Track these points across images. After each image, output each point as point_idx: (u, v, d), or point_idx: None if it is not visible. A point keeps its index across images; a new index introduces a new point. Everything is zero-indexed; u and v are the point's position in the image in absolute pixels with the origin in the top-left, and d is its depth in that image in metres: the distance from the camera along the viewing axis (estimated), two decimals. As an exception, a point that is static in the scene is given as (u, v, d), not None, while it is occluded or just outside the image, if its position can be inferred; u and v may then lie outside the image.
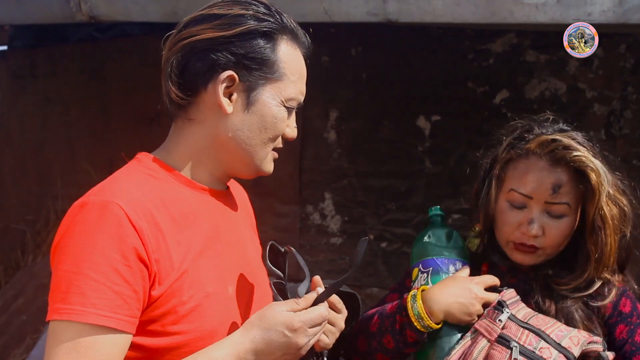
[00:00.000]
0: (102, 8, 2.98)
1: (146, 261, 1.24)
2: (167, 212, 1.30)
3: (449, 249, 1.71)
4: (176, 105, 1.37)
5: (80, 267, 1.20)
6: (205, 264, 1.33)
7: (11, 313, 4.11)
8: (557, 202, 1.60)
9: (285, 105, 1.39)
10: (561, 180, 1.60)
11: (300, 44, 1.41)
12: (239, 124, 1.36)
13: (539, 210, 1.62)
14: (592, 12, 2.15)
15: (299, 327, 1.30)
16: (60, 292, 1.21)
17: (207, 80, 1.34)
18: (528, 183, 1.62)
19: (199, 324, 1.30)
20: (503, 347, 1.51)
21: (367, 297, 3.41)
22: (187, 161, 1.39)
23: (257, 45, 1.34)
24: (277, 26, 1.36)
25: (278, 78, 1.37)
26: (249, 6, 1.35)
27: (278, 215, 3.65)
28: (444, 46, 3.27)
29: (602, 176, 1.58)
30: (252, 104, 1.36)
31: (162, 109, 1.42)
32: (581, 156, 1.58)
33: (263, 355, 1.29)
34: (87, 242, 1.21)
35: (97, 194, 1.28)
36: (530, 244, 1.63)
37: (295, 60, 1.40)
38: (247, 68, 1.34)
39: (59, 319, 1.20)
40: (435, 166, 3.31)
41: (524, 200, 1.63)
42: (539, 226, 1.61)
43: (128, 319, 1.22)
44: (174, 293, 1.27)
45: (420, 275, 1.70)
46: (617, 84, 2.98)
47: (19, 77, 5.18)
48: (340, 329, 1.50)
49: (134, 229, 1.23)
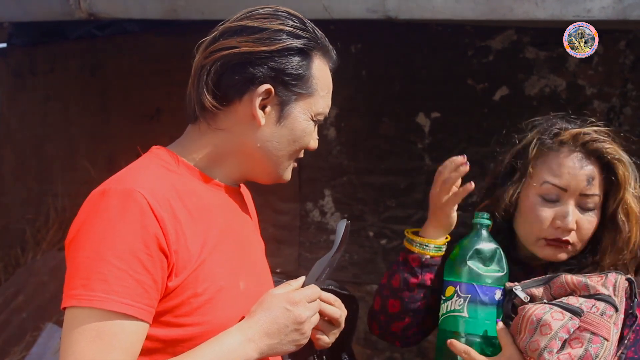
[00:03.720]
0: (101, 5, 2.98)
1: (166, 251, 1.25)
2: (183, 204, 1.32)
3: (493, 273, 1.64)
4: (206, 112, 1.38)
5: (103, 254, 1.20)
6: (219, 258, 1.35)
7: (11, 311, 4.11)
8: (590, 193, 1.62)
9: (314, 119, 1.43)
10: (594, 172, 1.63)
11: (329, 59, 1.45)
12: (269, 136, 1.39)
13: (573, 203, 1.63)
14: (592, 8, 2.15)
15: (299, 300, 1.35)
16: (80, 278, 1.21)
17: (243, 92, 1.36)
18: (564, 175, 1.63)
19: (212, 317, 1.31)
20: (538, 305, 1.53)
21: (367, 294, 3.41)
22: (204, 159, 1.41)
23: (294, 62, 1.37)
24: (312, 42, 1.39)
25: (310, 94, 1.40)
26: (286, 21, 1.38)
27: (278, 213, 3.65)
28: (444, 43, 3.27)
29: (629, 169, 1.62)
30: (285, 118, 1.39)
31: (162, 106, 1.42)
32: (612, 148, 1.62)
33: (273, 336, 1.31)
34: (110, 229, 1.22)
35: (117, 182, 1.29)
36: (565, 238, 1.62)
37: (326, 76, 1.44)
38: (283, 83, 1.37)
39: (80, 305, 1.20)
40: (435, 163, 3.31)
41: (558, 193, 1.63)
42: (574, 219, 1.62)
43: (148, 308, 1.23)
44: (189, 285, 1.28)
45: (457, 298, 1.65)
46: (617, 81, 2.98)
47: (18, 74, 5.17)
48: (340, 327, 1.51)
49: (156, 218, 1.24)
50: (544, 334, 1.47)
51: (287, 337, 1.33)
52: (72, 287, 1.22)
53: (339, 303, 1.50)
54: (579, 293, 1.55)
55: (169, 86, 3.98)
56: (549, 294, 1.58)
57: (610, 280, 1.56)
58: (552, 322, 1.47)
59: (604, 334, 1.47)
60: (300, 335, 1.35)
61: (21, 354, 3.80)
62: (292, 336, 1.34)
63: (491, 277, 1.64)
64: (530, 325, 1.50)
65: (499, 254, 1.66)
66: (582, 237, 1.65)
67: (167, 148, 1.43)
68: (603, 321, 1.48)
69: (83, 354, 1.18)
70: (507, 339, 1.56)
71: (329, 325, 1.48)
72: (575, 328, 1.48)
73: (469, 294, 1.63)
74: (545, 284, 1.58)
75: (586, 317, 1.48)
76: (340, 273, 1.60)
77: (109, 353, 1.19)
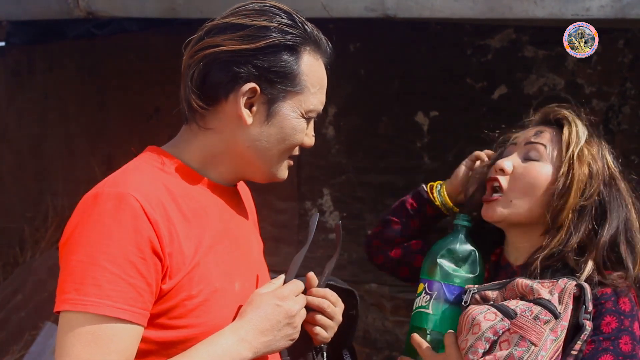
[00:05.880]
0: (100, 4, 2.97)
1: (160, 254, 1.24)
2: (177, 206, 1.31)
3: (463, 274, 1.65)
4: (194, 112, 1.37)
5: (96, 258, 1.20)
6: (214, 260, 1.34)
7: (9, 310, 4.11)
8: (534, 141, 1.64)
9: (305, 116, 1.39)
10: (545, 129, 1.67)
11: (322, 53, 1.41)
12: (257, 135, 1.37)
13: (518, 153, 1.67)
14: (591, 7, 2.15)
15: (287, 294, 1.37)
16: (73, 282, 1.21)
17: (229, 91, 1.34)
18: (519, 134, 1.71)
19: (206, 318, 1.31)
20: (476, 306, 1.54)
21: (366, 293, 3.41)
22: (197, 160, 1.40)
23: (281, 59, 1.34)
24: (300, 39, 1.35)
25: (299, 91, 1.37)
26: (273, 17, 1.34)
27: (276, 212, 3.65)
28: (443, 42, 3.27)
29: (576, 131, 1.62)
30: (273, 116, 1.36)
31: (160, 105, 1.42)
32: (565, 113, 1.66)
33: (266, 333, 1.32)
34: (103, 233, 1.21)
35: (110, 186, 1.28)
36: (494, 176, 1.65)
37: (317, 72, 1.40)
38: (269, 81, 1.34)
39: (73, 309, 1.20)
40: (433, 162, 3.31)
41: (510, 149, 1.70)
42: (512, 163, 1.65)
43: (142, 312, 1.23)
44: (183, 287, 1.28)
45: (424, 295, 1.67)
46: (616, 80, 2.97)
47: (16, 73, 5.17)
48: (338, 322, 1.51)
49: (149, 221, 1.24)
50: (474, 333, 1.46)
51: (280, 332, 1.34)
52: (65, 291, 1.22)
53: (335, 297, 1.50)
54: (528, 297, 1.51)
55: (168, 85, 3.97)
56: (502, 297, 1.55)
57: (559, 286, 1.50)
58: (482, 322, 1.46)
59: (532, 338, 1.42)
60: (292, 329, 1.37)
61: (20, 352, 3.81)
62: (285, 331, 1.35)
63: (460, 278, 1.64)
64: (466, 325, 1.49)
65: (473, 256, 1.66)
66: (517, 184, 1.62)
67: (162, 148, 1.42)
68: (534, 325, 1.43)
69: (79, 358, 1.18)
70: (450, 339, 1.55)
71: (327, 320, 1.48)
72: (504, 330, 1.45)
73: (435, 291, 1.64)
74: (502, 288, 1.57)
75: (517, 320, 1.44)
76: (338, 272, 1.60)
77: (105, 357, 1.19)
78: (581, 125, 1.64)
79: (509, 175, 1.64)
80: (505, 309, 1.47)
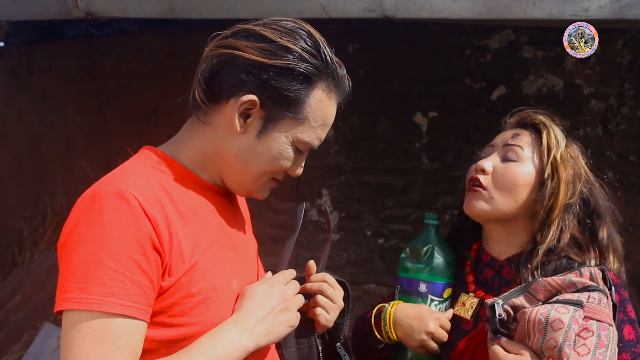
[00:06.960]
0: (99, 4, 2.98)
1: (160, 251, 1.25)
2: (174, 205, 1.32)
3: (420, 268, 1.75)
4: (197, 105, 1.39)
5: (98, 257, 1.21)
6: (212, 258, 1.35)
7: (8, 310, 4.11)
8: (512, 143, 1.71)
9: (294, 145, 1.39)
10: (523, 132, 1.74)
11: (338, 92, 1.42)
12: (245, 147, 1.37)
13: (497, 154, 1.73)
14: (589, 7, 2.15)
15: (277, 281, 1.42)
16: (77, 281, 1.21)
17: (231, 95, 1.35)
18: (497, 137, 1.78)
19: (206, 316, 1.32)
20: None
21: (365, 294, 3.41)
22: (193, 159, 1.41)
23: (290, 83, 1.34)
24: (317, 70, 1.35)
25: (299, 120, 1.37)
26: (298, 40, 1.34)
27: (275, 212, 3.65)
28: (441, 42, 3.27)
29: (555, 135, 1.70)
30: (264, 134, 1.37)
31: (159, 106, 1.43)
32: (542, 118, 1.73)
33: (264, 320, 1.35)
34: (104, 231, 1.22)
35: (108, 184, 1.28)
36: (475, 176, 1.71)
37: (324, 108, 1.40)
38: (272, 99, 1.34)
39: (78, 308, 1.20)
40: (432, 162, 3.31)
41: (489, 150, 1.76)
42: (491, 164, 1.71)
43: (146, 308, 1.24)
44: (182, 285, 1.29)
45: (395, 288, 1.81)
46: (614, 80, 2.98)
47: (15, 73, 5.17)
48: (340, 306, 1.56)
49: (148, 218, 1.24)
50: (557, 329, 1.45)
51: (277, 318, 1.37)
52: (67, 290, 1.22)
53: (333, 281, 1.55)
54: (566, 291, 1.54)
55: (167, 85, 3.98)
56: (532, 300, 1.56)
57: (586, 274, 1.56)
58: (561, 317, 1.46)
59: (607, 320, 1.49)
60: (289, 313, 1.39)
61: (18, 353, 3.80)
62: (282, 317, 1.38)
63: (415, 270, 1.76)
64: (538, 326, 1.47)
65: (429, 251, 1.76)
66: (498, 183, 1.69)
67: (159, 148, 1.43)
68: (603, 309, 1.49)
69: (88, 356, 1.18)
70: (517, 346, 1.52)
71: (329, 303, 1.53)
72: (581, 318, 1.47)
73: (399, 285, 1.79)
74: (524, 292, 1.57)
75: (588, 307, 1.48)
76: (337, 272, 1.62)
77: (114, 354, 1.19)
78: (557, 129, 1.73)
79: (489, 175, 1.71)
80: (571, 300, 1.50)
